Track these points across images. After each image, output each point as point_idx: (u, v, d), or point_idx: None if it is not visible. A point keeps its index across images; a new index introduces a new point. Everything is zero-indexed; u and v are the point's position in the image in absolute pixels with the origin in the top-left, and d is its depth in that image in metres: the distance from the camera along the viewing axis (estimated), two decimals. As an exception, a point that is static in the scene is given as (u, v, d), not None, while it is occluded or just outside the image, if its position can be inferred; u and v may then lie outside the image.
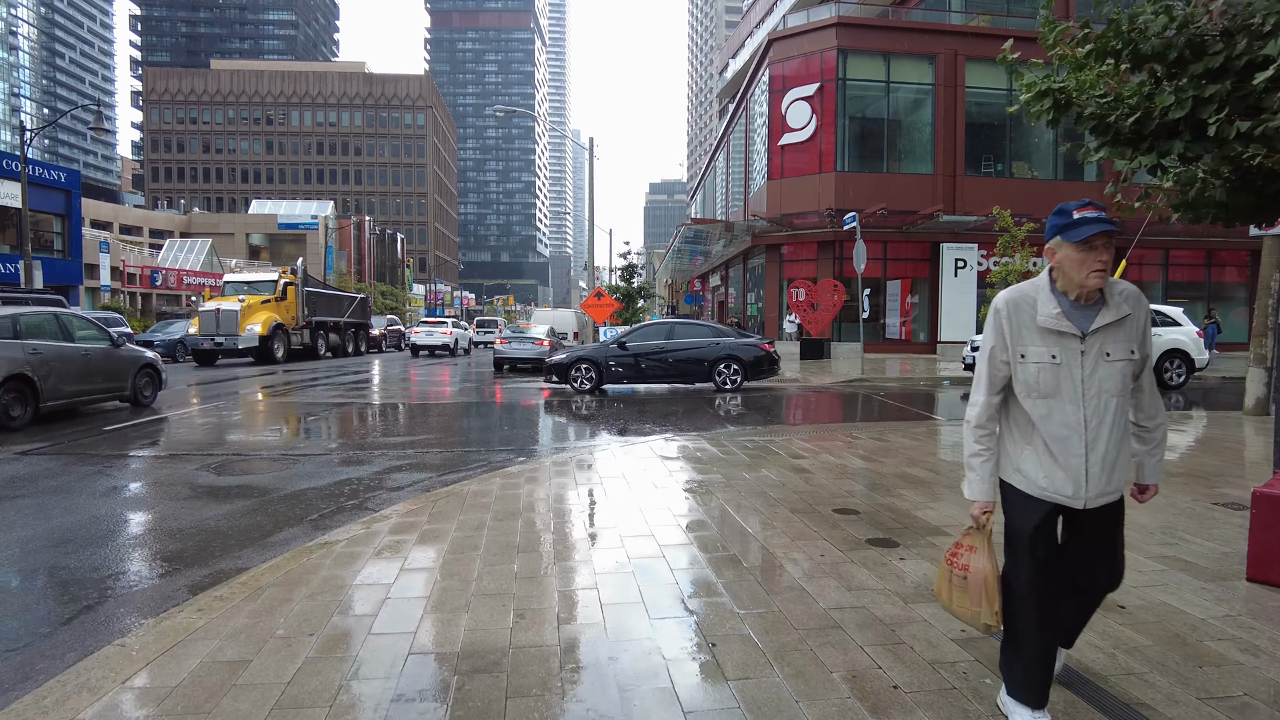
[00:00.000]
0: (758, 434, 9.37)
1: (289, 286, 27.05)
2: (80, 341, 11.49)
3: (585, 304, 25.40)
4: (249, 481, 7.07)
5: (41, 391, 10.42)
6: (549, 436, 9.90)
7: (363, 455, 8.34)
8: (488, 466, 7.67)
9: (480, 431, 10.27)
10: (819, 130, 27.64)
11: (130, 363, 12.46)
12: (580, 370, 15.41)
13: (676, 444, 8.44)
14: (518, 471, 6.87)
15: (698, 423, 10.91)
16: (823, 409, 12.89)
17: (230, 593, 3.91)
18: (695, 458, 7.53)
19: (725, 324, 33.95)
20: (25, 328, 10.60)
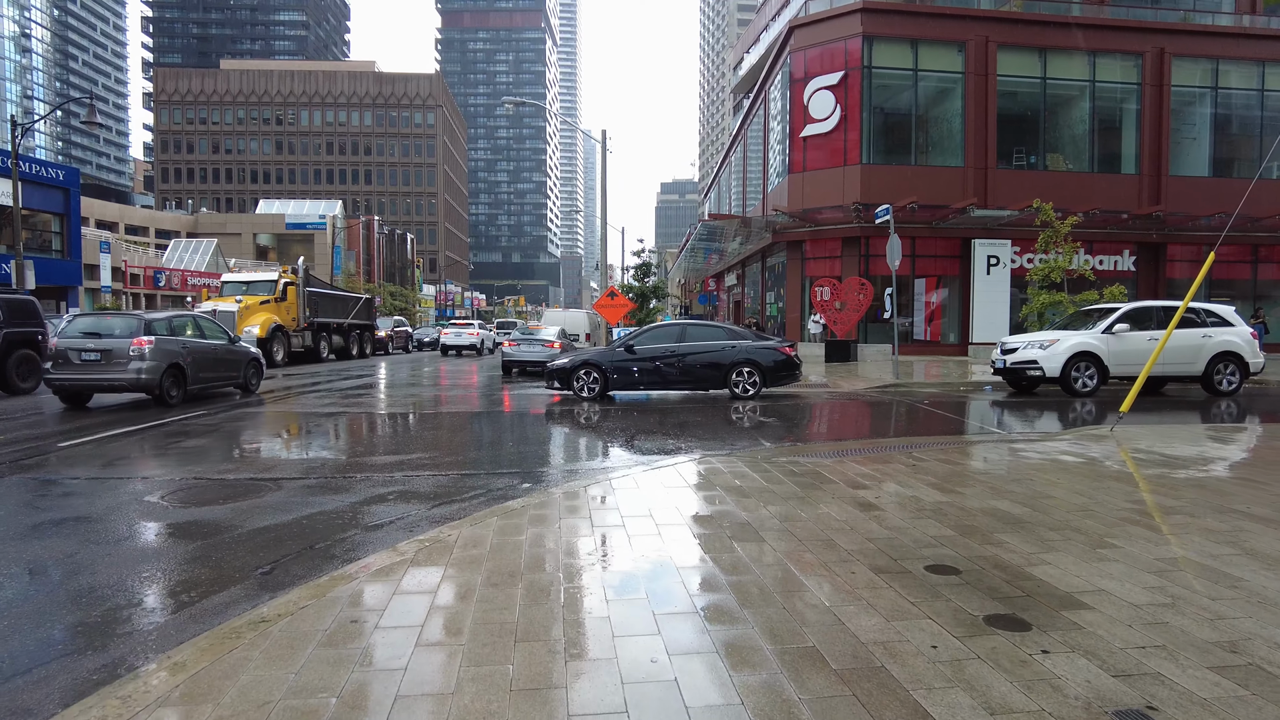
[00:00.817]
0: (798, 453, 8.11)
1: (289, 287, 26.00)
2: (210, 339, 14.74)
3: (598, 304, 24.25)
4: (201, 517, 5.89)
5: (189, 377, 13.63)
6: (557, 455, 8.68)
7: (344, 480, 7.15)
8: (486, 497, 6.46)
9: (480, 449, 9.07)
10: (843, 121, 26.31)
11: (243, 356, 15.57)
12: (584, 376, 14.19)
13: (707, 466, 7.20)
14: (520, 507, 5.65)
15: (723, 437, 9.67)
16: (863, 421, 11.61)
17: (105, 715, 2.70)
18: (735, 487, 6.28)
19: (742, 325, 32.68)
20: (176, 327, 13.89)
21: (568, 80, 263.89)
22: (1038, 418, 11.94)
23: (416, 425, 11.16)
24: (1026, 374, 14.58)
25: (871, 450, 8.21)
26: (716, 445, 9.02)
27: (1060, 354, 14.10)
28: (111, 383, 12.83)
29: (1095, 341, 14.14)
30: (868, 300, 24.22)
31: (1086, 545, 4.70)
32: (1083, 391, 14.11)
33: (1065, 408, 13.09)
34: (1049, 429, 10.66)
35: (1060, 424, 11.26)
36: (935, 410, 12.55)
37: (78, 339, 12.98)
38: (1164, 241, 27.21)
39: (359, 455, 8.56)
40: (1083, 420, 11.73)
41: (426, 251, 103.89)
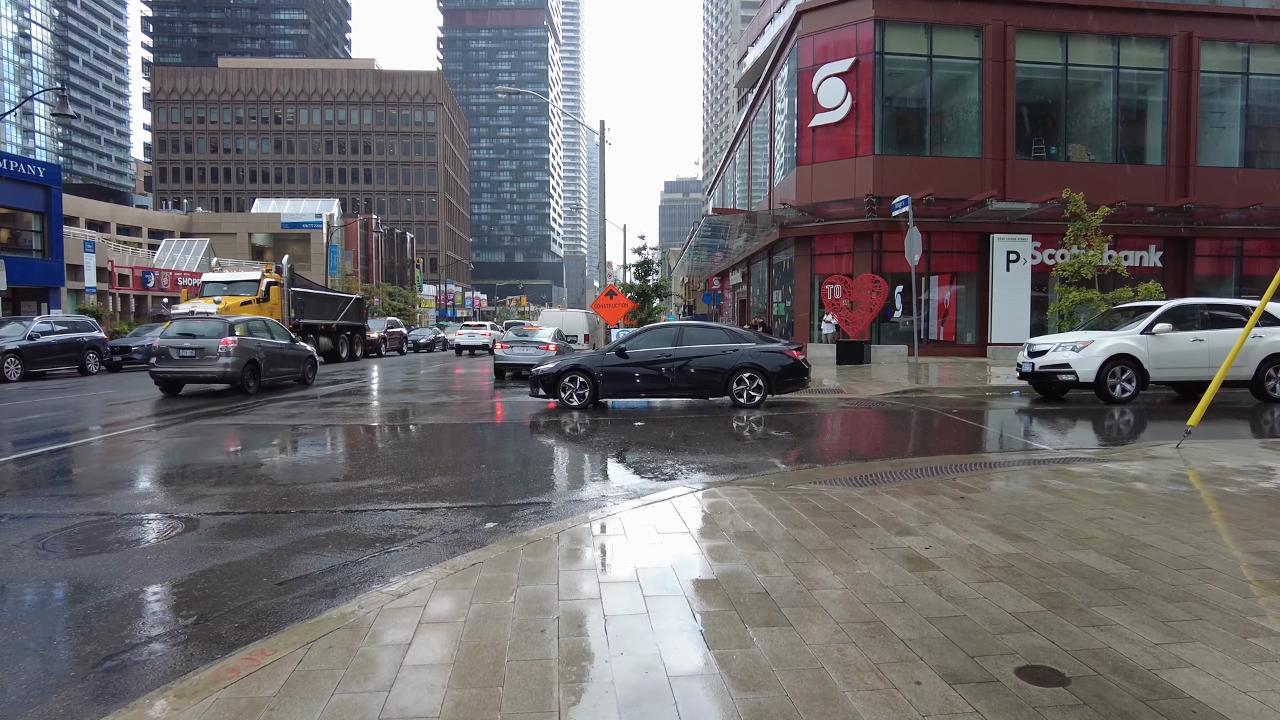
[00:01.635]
0: (818, 478, 6.86)
1: (272, 287, 24.84)
2: (277, 339, 17.69)
3: (596, 304, 23.05)
4: (73, 572, 4.65)
5: (264, 371, 16.57)
6: (533, 483, 7.40)
7: (273, 518, 5.90)
8: (439, 543, 5.22)
9: (446, 473, 7.81)
10: (854, 110, 25.02)
11: (303, 354, 18.74)
12: (571, 383, 12.95)
13: (711, 501, 5.94)
14: (470, 566, 4.39)
15: (728, 455, 8.41)
16: (887, 434, 10.32)
17: None
18: (746, 533, 5.02)
19: (748, 325, 31.39)
20: (253, 330, 16.84)
21: (570, 79, 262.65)
22: (1082, 430, 10.65)
23: (383, 442, 9.92)
24: (1057, 378, 13.31)
25: (905, 475, 6.95)
26: (720, 468, 7.77)
27: (1095, 357, 12.83)
28: (204, 375, 15.56)
29: (1133, 343, 12.86)
30: (881, 299, 22.93)
31: (1230, 630, 3.43)
32: (1120, 398, 12.84)
33: (1107, 418, 11.79)
34: (1100, 445, 9.37)
35: (1110, 438, 9.97)
36: (965, 420, 11.26)
37: (176, 339, 15.69)
38: (1192, 236, 25.85)
39: (303, 482, 7.32)
40: (1135, 434, 10.44)
41: (427, 251, 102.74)
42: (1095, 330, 13.85)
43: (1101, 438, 9.94)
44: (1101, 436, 10.05)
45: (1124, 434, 10.32)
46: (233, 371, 15.44)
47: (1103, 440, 9.72)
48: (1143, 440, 9.65)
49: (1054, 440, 9.63)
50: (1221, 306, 13.48)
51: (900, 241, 18.21)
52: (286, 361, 17.80)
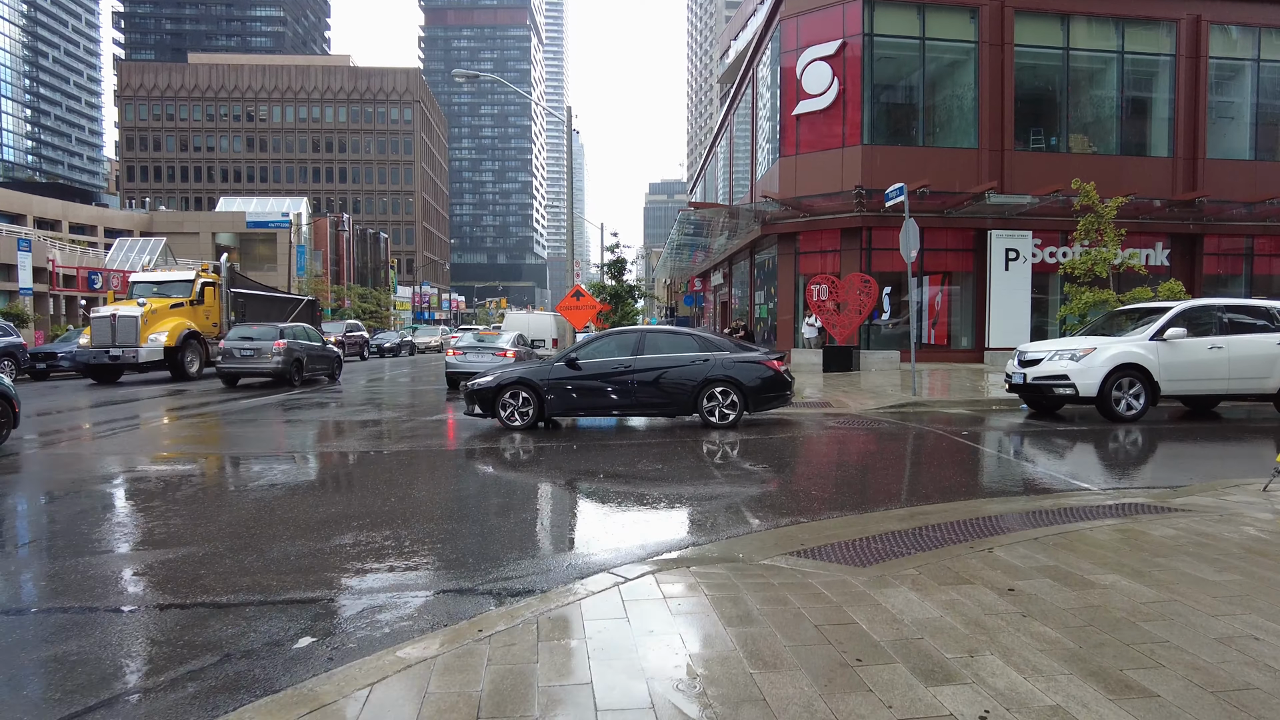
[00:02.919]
0: (804, 546, 4.97)
1: (207, 287, 22.65)
2: (314, 342, 21.40)
3: (561, 305, 21.15)
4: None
5: (304, 368, 20.31)
6: (408, 556, 5.38)
7: (69, 617, 3.89)
8: (210, 682, 3.22)
9: (296, 535, 5.77)
10: (841, 96, 23.17)
11: (333, 355, 22.41)
12: (513, 398, 10.98)
13: (653, 609, 3.97)
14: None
15: (685, 502, 6.51)
16: (885, 467, 8.38)
17: None
18: (680, 688, 3.07)
19: (728, 328, 29.49)
20: (298, 334, 20.69)
21: (554, 80, 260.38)
22: (1114, 458, 8.79)
23: (254, 479, 7.89)
24: (1053, 392, 11.50)
25: (921, 540, 5.02)
26: (671, 529, 5.84)
27: (1099, 367, 11.03)
28: (260, 370, 19.10)
29: (1142, 351, 11.08)
30: (871, 300, 21.08)
31: None
32: (1126, 415, 11.04)
33: (1131, 442, 9.93)
34: (1152, 481, 7.48)
35: (1158, 471, 8.10)
36: (974, 445, 9.36)
37: (238, 342, 19.26)
38: (1201, 233, 24.20)
39: (85, 552, 5.29)
40: (1181, 464, 8.58)
41: (403, 252, 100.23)
42: (1097, 335, 12.06)
43: (1145, 470, 8.08)
44: (1144, 468, 8.18)
45: (1169, 465, 8.48)
46: (283, 369, 19.29)
47: (1151, 474, 7.85)
48: (1200, 473, 7.79)
49: (1090, 473, 7.75)
50: (1243, 309, 11.71)
51: (892, 238, 16.39)
52: (321, 361, 21.60)
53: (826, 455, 8.76)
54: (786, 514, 6.06)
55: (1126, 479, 7.45)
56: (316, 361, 21.17)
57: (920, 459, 8.51)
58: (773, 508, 6.30)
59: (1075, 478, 7.39)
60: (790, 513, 6.09)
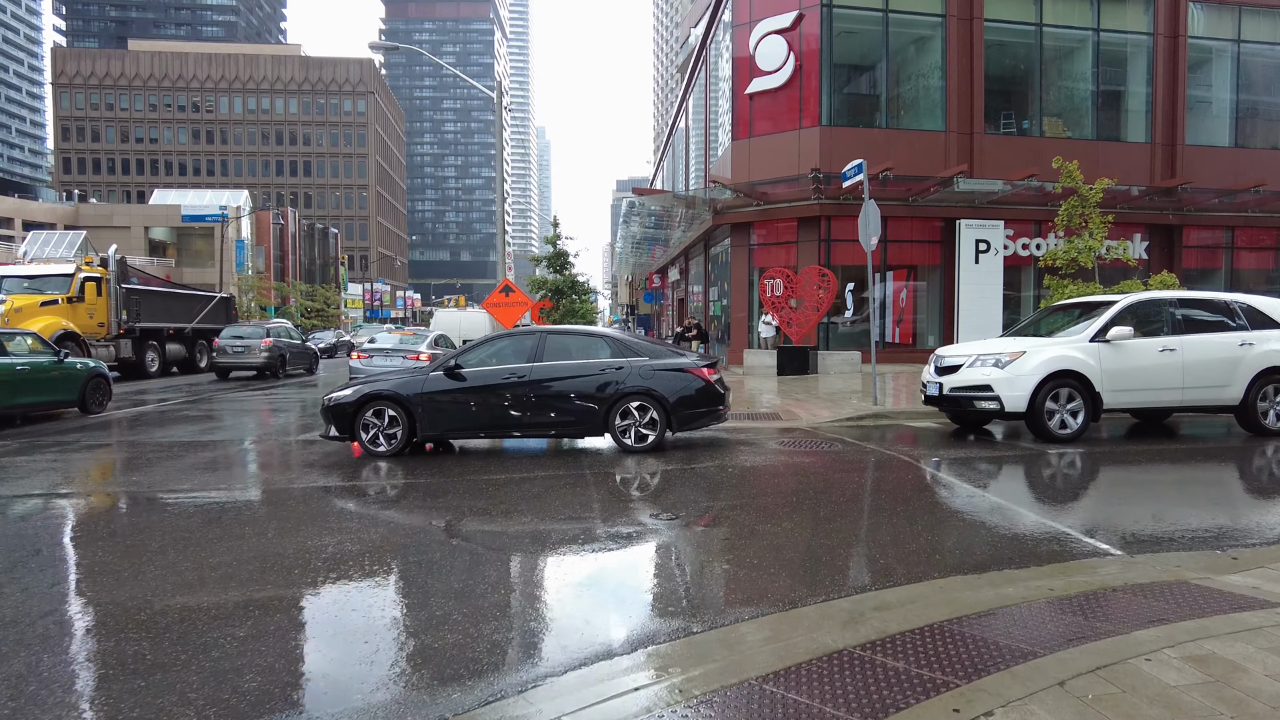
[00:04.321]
0: (708, 690, 2.85)
1: (89, 283, 20.01)
2: (295, 340, 24.90)
3: (488, 303, 18.88)
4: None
5: (287, 363, 23.59)
6: (144, 702, 3.21)
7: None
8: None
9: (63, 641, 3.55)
10: (798, 73, 21.22)
11: (310, 352, 25.85)
12: (377, 417, 8.80)
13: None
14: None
15: (543, 592, 4.36)
16: (840, 518, 6.31)
17: None
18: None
19: (683, 326, 27.40)
20: (281, 333, 23.85)
21: (519, 76, 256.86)
22: (1110, 492, 6.85)
23: (46, 544, 5.61)
24: (974, 405, 9.53)
25: (873, 684, 2.94)
26: (493, 651, 3.71)
27: (1027, 375, 9.07)
28: (249, 364, 22.08)
29: (1080, 355, 9.14)
30: (830, 296, 19.16)
31: None
32: (1061, 435, 9.11)
33: (1116, 470, 8.03)
34: (1174, 534, 5.50)
35: (1181, 513, 6.14)
36: (952, 479, 7.36)
37: (231, 340, 22.16)
38: (1180, 224, 22.67)
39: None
40: (1198, 506, 6.65)
41: (356, 248, 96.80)
42: (1027, 335, 10.15)
43: (1154, 516, 6.11)
44: (1150, 513, 6.22)
45: (1204, 504, 6.54)
46: (269, 363, 22.31)
47: (1167, 525, 5.87)
48: (1212, 519, 5.87)
49: (1106, 524, 5.77)
50: (1199, 303, 9.78)
51: (853, 228, 14.43)
52: (301, 358, 24.77)
53: (758, 500, 6.71)
54: (673, 613, 3.96)
55: (1145, 528, 5.47)
56: (298, 358, 24.43)
57: (878, 502, 6.46)
58: (658, 602, 4.21)
59: (1090, 533, 5.39)
60: (682, 611, 3.99)
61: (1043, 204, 21.23)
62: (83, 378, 13.20)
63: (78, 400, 13.10)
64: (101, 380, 13.72)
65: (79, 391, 13.05)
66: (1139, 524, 5.63)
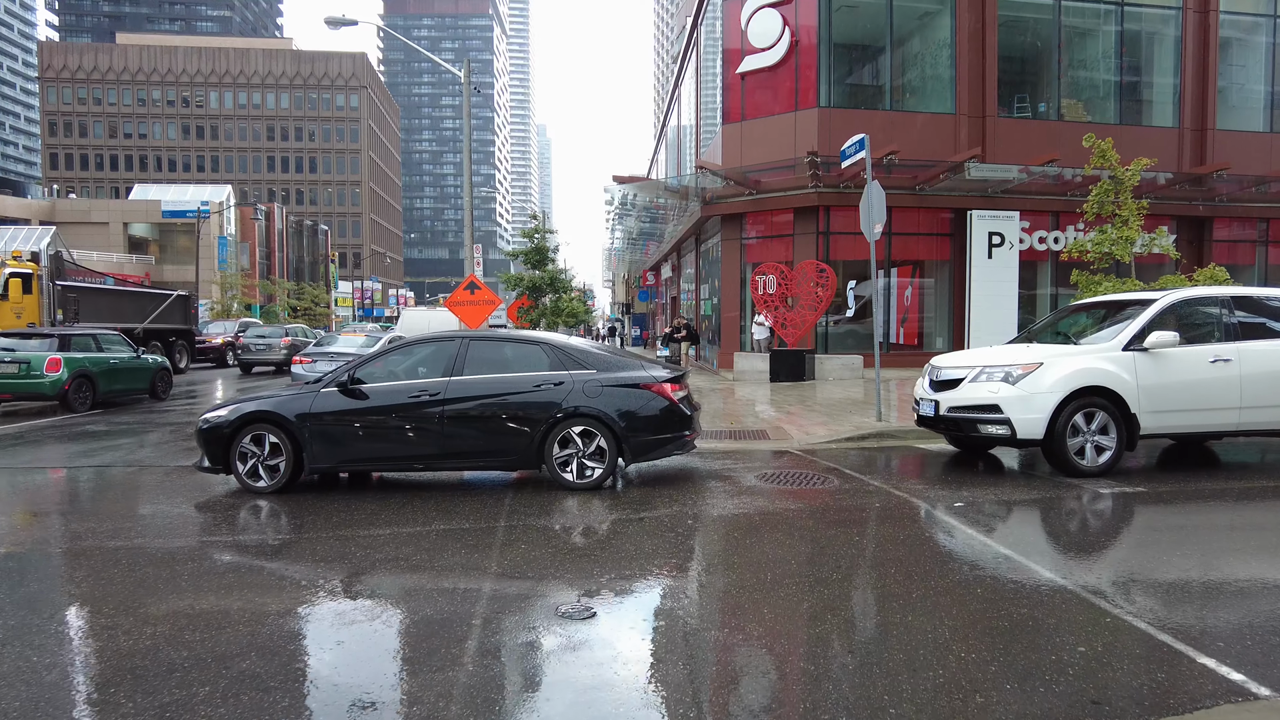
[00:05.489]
0: None
1: (14, 279, 18.29)
2: (308, 338, 27.06)
3: (451, 300, 17.22)
4: None
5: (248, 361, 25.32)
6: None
7: None
8: None
9: None
10: (794, 50, 19.40)
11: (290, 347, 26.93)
12: (255, 443, 7.05)
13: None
14: None
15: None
16: (825, 627, 4.55)
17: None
18: None
19: (672, 327, 25.57)
20: (297, 332, 27.54)
21: (519, 73, 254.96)
22: (1223, 560, 5.05)
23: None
24: (977, 429, 7.66)
25: None
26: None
27: (1047, 393, 7.26)
28: (270, 360, 24.91)
29: (1111, 367, 7.31)
30: (829, 294, 17.37)
31: None
32: (1086, 467, 7.26)
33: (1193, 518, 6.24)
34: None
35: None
36: (987, 542, 5.59)
37: (254, 339, 25.59)
38: (1210, 215, 20.84)
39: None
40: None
41: (349, 245, 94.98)
42: (1042, 343, 8.27)
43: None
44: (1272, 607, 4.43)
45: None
46: (288, 359, 23.23)
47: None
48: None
49: (1215, 628, 4.00)
50: (1259, 303, 7.91)
51: (854, 219, 12.68)
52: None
53: (728, 577, 4.95)
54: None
55: None
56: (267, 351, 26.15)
57: (885, 588, 4.64)
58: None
59: (1198, 643, 3.61)
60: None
61: (1061, 193, 19.45)
62: (153, 370, 16.17)
63: (148, 388, 16.00)
64: (165, 372, 16.69)
65: (150, 381, 15.99)
66: (1267, 623, 3.84)
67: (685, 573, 4.73)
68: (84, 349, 14.35)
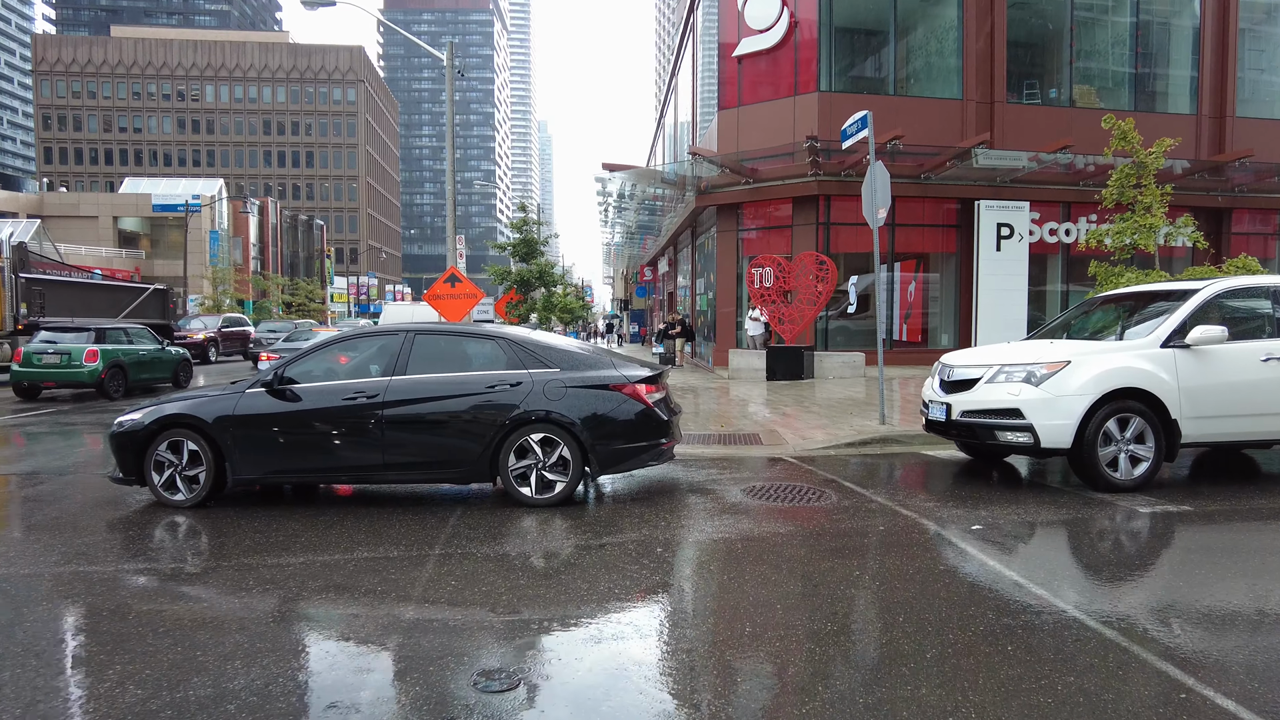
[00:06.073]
0: None
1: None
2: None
3: (430, 294, 16.35)
4: None
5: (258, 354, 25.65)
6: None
7: None
8: None
9: None
10: (792, 31, 18.50)
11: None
12: (172, 451, 6.19)
13: None
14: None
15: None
16: (842, 704, 3.69)
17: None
18: None
19: (666, 323, 24.68)
20: (304, 327, 28.05)
21: (520, 69, 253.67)
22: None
23: None
24: (996, 437, 6.68)
25: None
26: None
27: (1074, 395, 6.31)
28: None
29: (1148, 366, 6.37)
30: (830, 287, 16.48)
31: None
32: (1120, 481, 6.33)
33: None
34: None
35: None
36: (1001, 569, 4.72)
37: (266, 333, 26.82)
38: (1230, 207, 19.93)
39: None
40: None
41: (346, 241, 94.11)
42: (1066, 339, 7.31)
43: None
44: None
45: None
46: None
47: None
48: None
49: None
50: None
51: (855, 210, 11.79)
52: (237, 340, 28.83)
53: (698, 629, 4.08)
54: None
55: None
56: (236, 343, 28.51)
57: (893, 641, 3.81)
58: None
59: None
60: None
61: (1073, 183, 18.55)
62: (176, 361, 17.59)
63: (171, 378, 17.31)
64: (186, 364, 18.08)
65: (173, 371, 17.35)
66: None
67: (644, 624, 3.84)
68: (116, 342, 15.72)
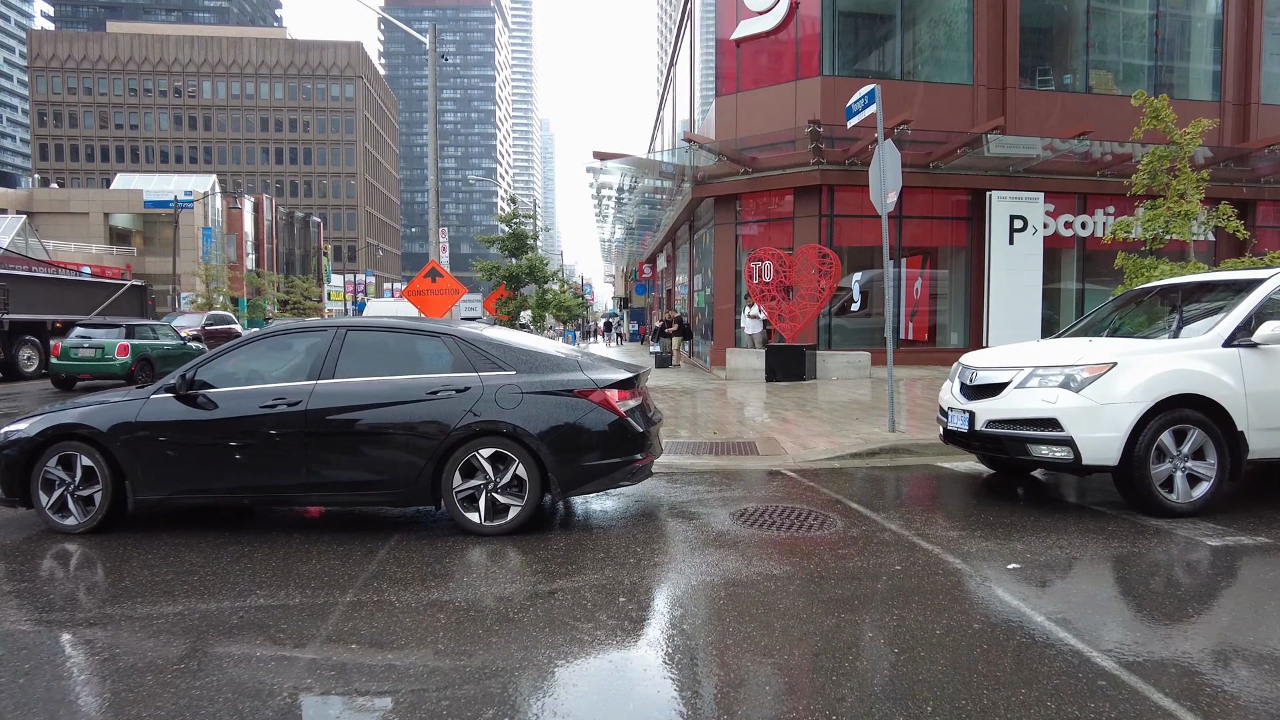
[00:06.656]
0: None
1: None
2: None
3: (409, 290, 15.48)
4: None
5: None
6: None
7: None
8: None
9: None
10: (794, 11, 17.55)
11: None
12: (63, 468, 5.27)
13: None
14: None
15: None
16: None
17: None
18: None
19: (664, 321, 23.70)
20: None
21: (522, 67, 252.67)
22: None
23: None
24: (1028, 450, 5.65)
25: None
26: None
27: (1122, 403, 5.33)
28: None
29: (1207, 368, 5.40)
30: (833, 282, 15.50)
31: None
32: (1178, 505, 5.36)
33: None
34: None
35: None
36: (1100, 656, 3.79)
37: None
38: (1254, 198, 18.95)
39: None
40: None
41: (344, 238, 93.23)
42: (1108, 336, 6.32)
43: None
44: None
45: None
46: None
47: None
48: None
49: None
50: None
51: (860, 201, 10.83)
52: None
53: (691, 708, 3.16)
54: None
55: None
56: None
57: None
58: None
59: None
60: None
61: (1090, 172, 17.59)
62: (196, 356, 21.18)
63: None
64: None
65: None
66: None
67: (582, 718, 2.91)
68: (144, 337, 16.82)
